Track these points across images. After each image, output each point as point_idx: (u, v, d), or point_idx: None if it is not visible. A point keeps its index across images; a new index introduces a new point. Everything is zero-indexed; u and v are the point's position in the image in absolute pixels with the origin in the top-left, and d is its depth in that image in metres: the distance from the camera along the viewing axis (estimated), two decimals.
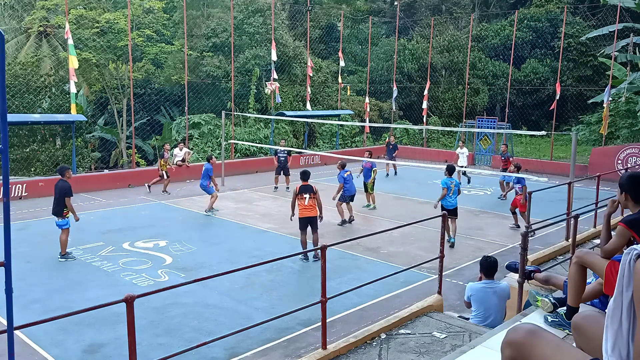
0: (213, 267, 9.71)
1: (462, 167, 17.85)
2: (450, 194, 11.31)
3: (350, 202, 13.31)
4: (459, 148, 19.31)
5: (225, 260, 10.14)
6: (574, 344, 2.92)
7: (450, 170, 11.52)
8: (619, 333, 2.04)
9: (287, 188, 16.98)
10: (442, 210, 10.95)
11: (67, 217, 10.29)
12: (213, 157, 14.90)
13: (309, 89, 25.01)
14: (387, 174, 20.57)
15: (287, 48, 26.54)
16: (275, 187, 17.44)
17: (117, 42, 22.57)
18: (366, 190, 14.91)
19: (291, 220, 10.68)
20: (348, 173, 13.26)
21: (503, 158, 17.21)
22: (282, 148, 17.41)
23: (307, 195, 10.30)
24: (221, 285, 8.61)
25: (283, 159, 17.14)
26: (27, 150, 21.10)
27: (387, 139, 21.83)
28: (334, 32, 33.35)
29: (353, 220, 13.29)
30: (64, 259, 10.14)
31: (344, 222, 13.08)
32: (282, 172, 17.30)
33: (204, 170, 14.17)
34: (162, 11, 25.52)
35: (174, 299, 8.01)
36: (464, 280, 9.03)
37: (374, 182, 14.84)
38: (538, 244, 10.09)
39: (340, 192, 13.08)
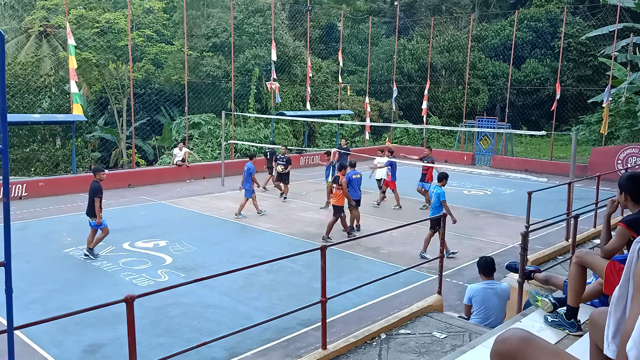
0: (213, 267, 9.71)
1: (379, 179, 15.71)
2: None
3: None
4: (377, 157, 15.78)
5: (225, 260, 10.13)
6: (567, 350, 2.90)
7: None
8: (622, 321, 2.03)
9: (285, 198, 15.89)
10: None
11: (102, 217, 10.21)
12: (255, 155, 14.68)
13: (309, 89, 25.02)
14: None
15: (287, 48, 26.54)
16: (283, 195, 16.06)
17: (117, 42, 22.57)
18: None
19: (327, 206, 12.07)
20: (357, 176, 12.42)
21: (426, 162, 14.58)
22: (282, 155, 16.15)
23: (335, 185, 11.81)
24: (221, 285, 8.61)
25: (283, 165, 15.99)
26: (27, 150, 21.11)
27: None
28: (334, 32, 33.36)
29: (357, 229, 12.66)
30: (87, 254, 10.16)
31: (352, 229, 12.27)
32: (281, 178, 16.14)
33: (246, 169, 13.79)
34: (162, 11, 25.52)
35: (174, 299, 8.01)
36: (464, 280, 9.04)
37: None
38: (538, 244, 10.09)
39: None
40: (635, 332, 1.70)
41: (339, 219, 11.73)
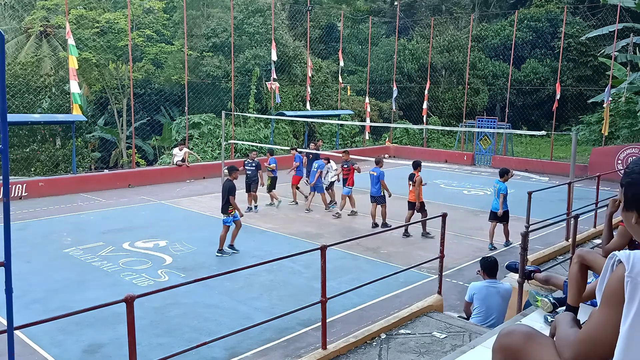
0: (213, 267, 9.71)
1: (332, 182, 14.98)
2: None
3: (378, 204, 12.70)
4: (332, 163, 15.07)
5: (225, 260, 10.14)
6: None
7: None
8: None
9: (253, 208, 14.35)
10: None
11: (231, 215, 10.56)
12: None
13: (309, 89, 25.02)
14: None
15: (287, 48, 26.54)
16: (249, 208, 14.29)
17: (117, 42, 22.57)
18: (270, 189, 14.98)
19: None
20: (374, 173, 12.62)
21: (345, 166, 13.87)
22: (250, 160, 14.45)
23: (410, 182, 11.88)
24: (221, 285, 8.61)
25: (250, 172, 14.22)
26: (27, 150, 21.11)
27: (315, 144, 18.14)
28: (334, 32, 33.35)
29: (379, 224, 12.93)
30: (219, 254, 10.43)
31: (375, 225, 12.84)
32: (250, 188, 14.32)
33: (317, 167, 14.52)
34: (162, 11, 25.51)
35: (174, 299, 8.00)
36: (464, 280, 9.03)
37: (270, 182, 14.75)
38: (538, 244, 10.09)
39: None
40: (618, 352, 1.66)
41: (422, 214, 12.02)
